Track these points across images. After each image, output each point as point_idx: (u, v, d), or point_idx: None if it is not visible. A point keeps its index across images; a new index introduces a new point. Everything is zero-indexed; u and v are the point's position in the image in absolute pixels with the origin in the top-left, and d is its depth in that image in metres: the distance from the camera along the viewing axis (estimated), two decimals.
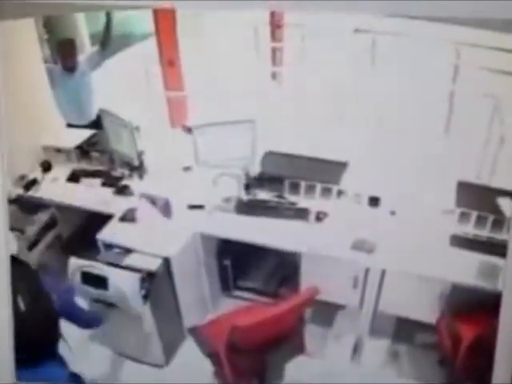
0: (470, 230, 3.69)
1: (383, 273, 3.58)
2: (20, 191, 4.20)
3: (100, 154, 4.43)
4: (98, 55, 4.49)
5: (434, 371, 3.63)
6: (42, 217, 4.20)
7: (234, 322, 3.20)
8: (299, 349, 3.54)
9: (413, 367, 3.70)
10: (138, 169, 4.28)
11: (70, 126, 4.56)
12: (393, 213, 3.85)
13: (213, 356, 3.45)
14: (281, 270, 4.03)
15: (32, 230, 4.11)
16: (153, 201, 3.90)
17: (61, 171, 4.39)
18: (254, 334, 3.26)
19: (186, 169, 4.27)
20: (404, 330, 3.78)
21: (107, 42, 4.42)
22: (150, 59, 4.64)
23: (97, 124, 4.50)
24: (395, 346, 3.80)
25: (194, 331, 3.62)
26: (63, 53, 4.49)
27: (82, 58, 4.52)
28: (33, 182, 4.26)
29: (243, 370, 3.44)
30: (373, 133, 4.18)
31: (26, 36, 4.15)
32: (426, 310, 3.59)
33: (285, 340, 3.40)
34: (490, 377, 3.20)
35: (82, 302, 3.55)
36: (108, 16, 4.24)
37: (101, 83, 4.61)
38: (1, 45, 3.11)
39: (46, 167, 4.39)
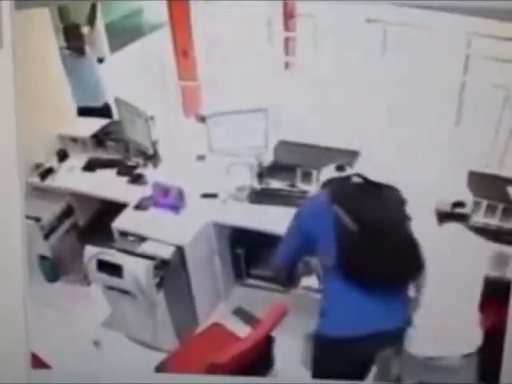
0: (480, 218, 3.70)
1: None
2: (36, 180, 4.24)
3: (115, 143, 4.47)
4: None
5: None
6: (58, 205, 4.27)
7: (210, 360, 3.14)
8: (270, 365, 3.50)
9: None
10: (153, 158, 4.32)
11: (80, 113, 4.60)
12: None
13: None
14: None
15: (48, 219, 4.19)
16: (166, 189, 3.94)
17: (77, 160, 4.43)
18: (231, 366, 3.18)
19: (200, 158, 4.30)
20: None
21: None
22: (164, 49, 4.67)
23: (108, 109, 4.57)
24: None
25: (163, 368, 3.48)
26: (70, 36, 4.56)
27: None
28: (49, 171, 4.30)
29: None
30: (384, 122, 4.18)
31: (42, 25, 4.19)
32: None
33: (258, 360, 3.37)
34: (499, 368, 3.23)
35: None
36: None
37: (114, 71, 4.67)
38: (17, 34, 3.14)
39: (62, 156, 4.44)
